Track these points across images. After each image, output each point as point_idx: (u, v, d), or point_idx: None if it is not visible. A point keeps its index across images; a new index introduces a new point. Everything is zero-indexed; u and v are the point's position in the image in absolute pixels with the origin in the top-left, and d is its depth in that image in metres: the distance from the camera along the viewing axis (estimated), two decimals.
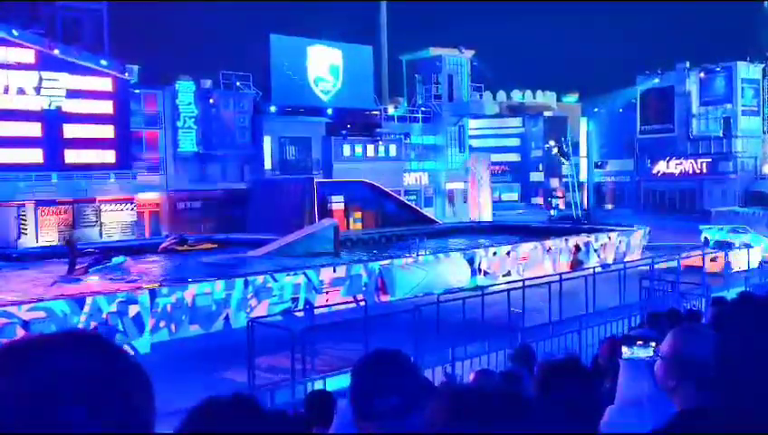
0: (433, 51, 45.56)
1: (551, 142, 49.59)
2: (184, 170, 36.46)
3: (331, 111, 40.92)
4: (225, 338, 15.52)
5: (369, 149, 40.94)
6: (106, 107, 32.83)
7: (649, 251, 26.47)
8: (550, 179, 57.32)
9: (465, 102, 46.10)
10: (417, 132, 44.59)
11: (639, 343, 2.82)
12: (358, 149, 40.55)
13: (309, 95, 40.70)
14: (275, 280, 18.01)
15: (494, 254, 23.39)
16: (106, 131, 32.74)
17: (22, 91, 30.56)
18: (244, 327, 13.20)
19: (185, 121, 36.19)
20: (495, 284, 19.89)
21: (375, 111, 43.38)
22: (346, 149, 40.16)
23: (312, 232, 27.20)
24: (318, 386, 9.75)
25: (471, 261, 22.40)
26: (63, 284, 19.48)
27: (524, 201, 58.51)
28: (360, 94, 42.60)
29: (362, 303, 14.22)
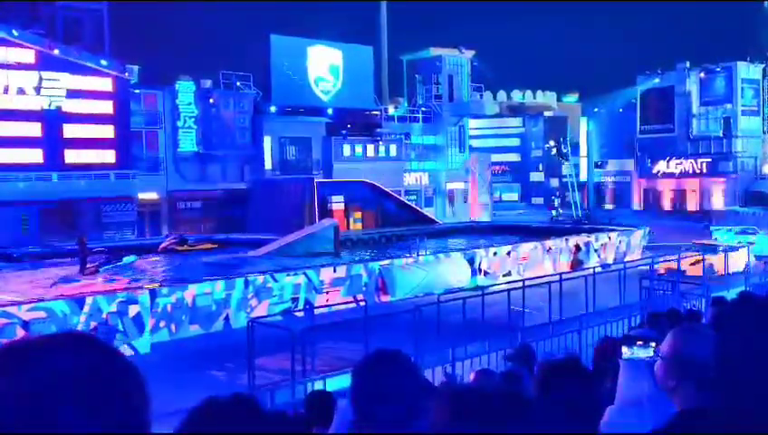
0: (433, 51, 45.56)
1: (550, 142, 49.55)
2: (184, 170, 36.46)
3: (331, 111, 40.92)
4: (225, 338, 15.52)
5: (370, 150, 40.93)
6: (106, 107, 32.83)
7: (649, 251, 26.45)
8: (550, 179, 57.29)
9: (466, 102, 46.10)
10: (417, 132, 44.58)
11: (639, 343, 2.83)
12: (358, 150, 40.55)
13: (309, 95, 40.70)
14: (275, 280, 18.01)
15: (495, 254, 23.38)
16: (106, 131, 32.74)
17: (22, 92, 30.56)
18: (244, 327, 13.19)
19: (185, 121, 36.20)
20: (496, 284, 19.87)
21: (375, 111, 43.37)
22: (346, 150, 40.16)
23: (313, 232, 27.19)
24: (318, 386, 9.75)
25: (471, 261, 22.39)
26: (63, 284, 19.44)
27: (525, 201, 58.51)
28: (361, 94, 42.60)
29: (362, 303, 14.21)
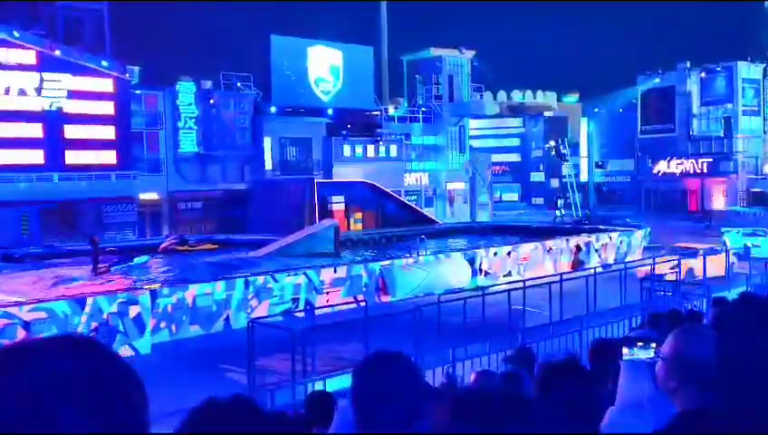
0: (433, 51, 45.53)
1: (550, 142, 49.56)
2: (184, 171, 36.47)
3: (331, 111, 40.91)
4: (225, 339, 15.51)
5: (370, 150, 40.90)
6: (107, 108, 32.82)
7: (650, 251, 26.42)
8: (550, 180, 57.32)
9: (466, 103, 46.07)
10: (417, 133, 44.56)
11: (640, 344, 2.82)
12: (358, 150, 40.52)
13: (309, 96, 40.69)
14: (276, 280, 18.00)
15: (495, 254, 23.37)
16: (107, 132, 32.74)
17: (23, 93, 30.56)
18: (244, 328, 13.20)
19: (185, 122, 36.20)
20: (496, 284, 19.86)
21: (375, 112, 43.35)
22: (346, 150, 40.14)
23: (313, 232, 27.19)
24: (318, 387, 9.75)
25: (472, 261, 22.38)
26: (74, 283, 19.42)
27: (525, 201, 58.54)
28: (361, 95, 42.59)
29: (363, 303, 14.22)
